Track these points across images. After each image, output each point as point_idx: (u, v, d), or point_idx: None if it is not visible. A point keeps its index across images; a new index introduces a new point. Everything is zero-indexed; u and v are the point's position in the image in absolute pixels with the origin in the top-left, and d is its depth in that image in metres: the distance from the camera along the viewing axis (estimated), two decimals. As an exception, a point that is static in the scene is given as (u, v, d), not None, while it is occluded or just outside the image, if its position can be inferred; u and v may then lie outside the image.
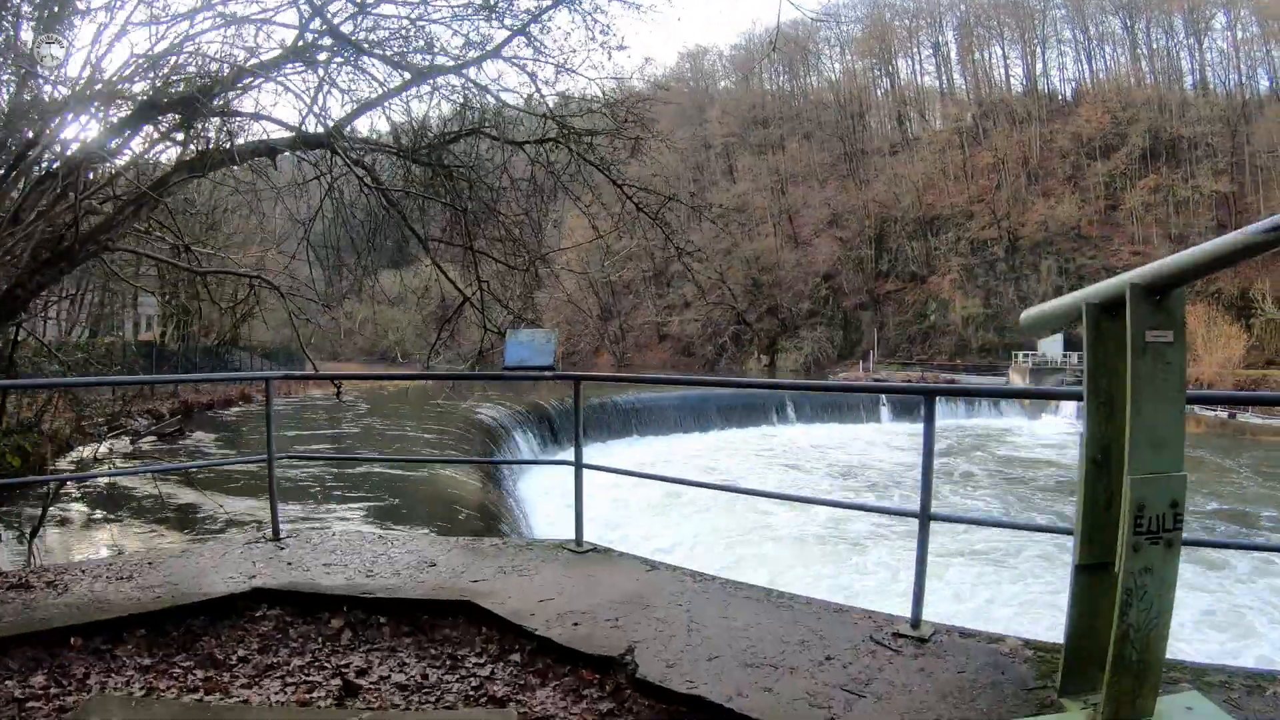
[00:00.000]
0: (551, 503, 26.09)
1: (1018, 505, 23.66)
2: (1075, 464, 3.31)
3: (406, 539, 6.22)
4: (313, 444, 22.91)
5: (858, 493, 25.26)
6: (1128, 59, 79.23)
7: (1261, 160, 64.96)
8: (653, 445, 37.81)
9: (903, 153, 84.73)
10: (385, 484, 17.67)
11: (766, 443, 38.92)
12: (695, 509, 22.02)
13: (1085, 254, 67.95)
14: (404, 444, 23.29)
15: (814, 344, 78.60)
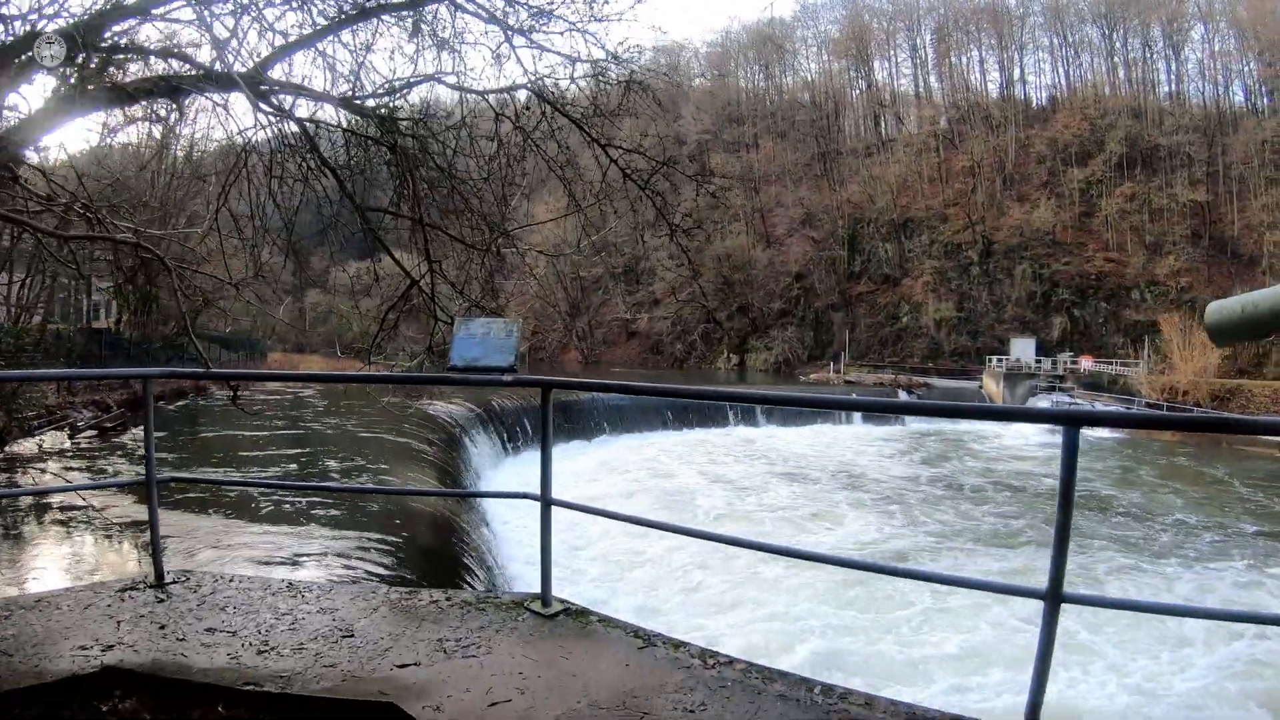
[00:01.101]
0: (520, 513, 24.57)
1: (1087, 539, 21.70)
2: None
3: (322, 591, 4.71)
4: (245, 448, 20.30)
5: (881, 509, 23.30)
6: (1106, 67, 79.07)
7: (1237, 171, 64.71)
8: (624, 446, 36.59)
9: (878, 154, 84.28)
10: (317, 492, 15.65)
11: (749, 446, 37.60)
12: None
13: (1060, 260, 67.49)
14: (350, 447, 21.06)
15: (784, 344, 77.71)
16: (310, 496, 13.51)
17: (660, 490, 24.99)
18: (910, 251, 76.10)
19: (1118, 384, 52.24)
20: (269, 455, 18.85)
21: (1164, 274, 62.50)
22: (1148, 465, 34.97)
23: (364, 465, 18.29)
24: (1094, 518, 23.20)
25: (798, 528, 20.79)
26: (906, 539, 20.10)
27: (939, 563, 18.49)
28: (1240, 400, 46.39)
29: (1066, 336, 64.22)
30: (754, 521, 20.90)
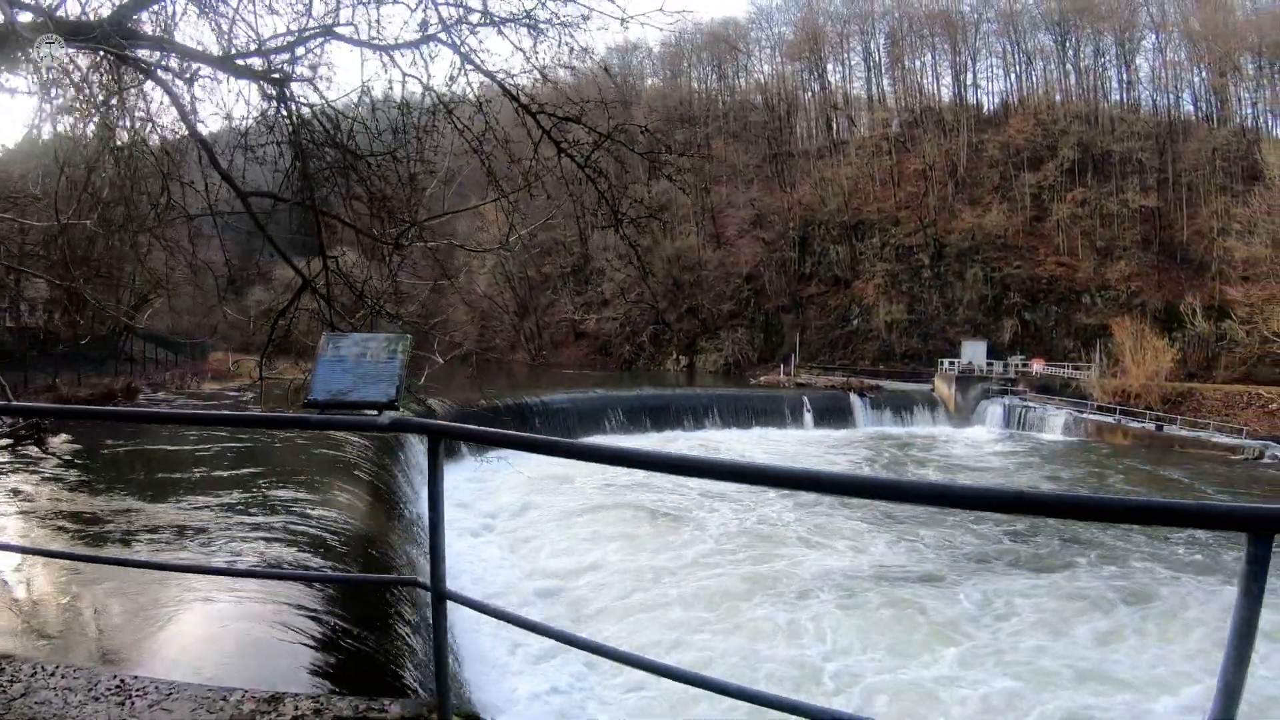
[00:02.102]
0: (469, 518, 22.71)
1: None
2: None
3: (159, 696, 3.27)
4: (163, 466, 17.34)
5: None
6: (1058, 74, 79.38)
7: (1188, 178, 64.97)
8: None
9: (830, 156, 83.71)
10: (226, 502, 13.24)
11: (703, 450, 36.46)
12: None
13: (1012, 263, 67.19)
14: (276, 461, 18.54)
15: (734, 346, 76.77)
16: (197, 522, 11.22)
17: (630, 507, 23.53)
18: (861, 254, 75.47)
19: (1070, 387, 51.89)
20: (187, 471, 16.31)
21: (1115, 278, 62.41)
22: (1111, 471, 34.29)
23: (286, 479, 16.10)
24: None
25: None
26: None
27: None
28: (1192, 403, 46.33)
29: (1017, 339, 63.89)
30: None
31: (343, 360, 4.61)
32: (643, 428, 41.65)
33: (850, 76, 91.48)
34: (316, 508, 13.31)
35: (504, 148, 8.51)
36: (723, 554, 18.48)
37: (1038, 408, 48.37)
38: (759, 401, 48.50)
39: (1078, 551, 19.65)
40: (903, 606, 15.23)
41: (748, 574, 16.97)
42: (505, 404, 37.72)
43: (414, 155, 8.28)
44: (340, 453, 18.89)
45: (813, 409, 47.94)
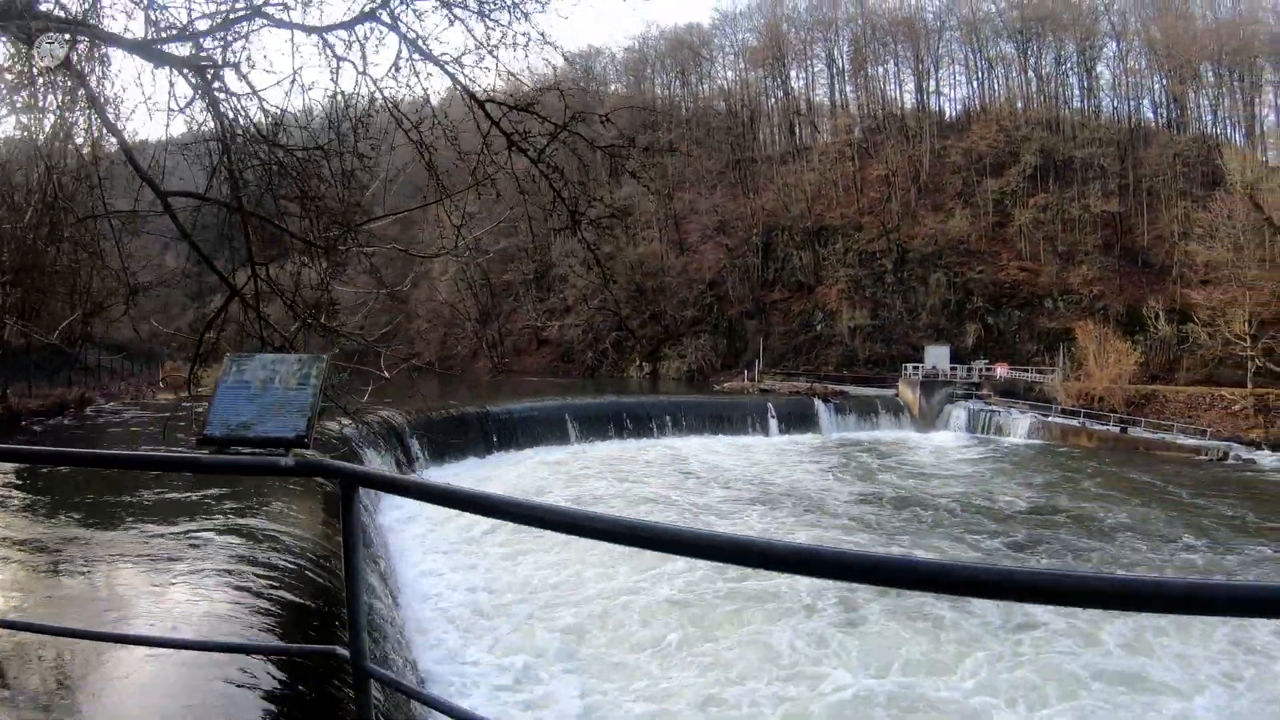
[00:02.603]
0: (430, 555, 21.50)
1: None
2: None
3: None
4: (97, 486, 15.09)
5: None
6: (1020, 81, 79.76)
7: (1148, 184, 65.36)
8: (537, 458, 34.48)
9: (793, 162, 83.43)
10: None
11: (675, 463, 35.63)
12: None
13: (974, 268, 67.09)
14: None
15: (698, 352, 76.02)
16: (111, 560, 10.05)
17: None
18: (825, 259, 75.12)
19: (1034, 391, 51.71)
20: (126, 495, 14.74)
21: (1077, 283, 62.44)
22: (1083, 475, 33.85)
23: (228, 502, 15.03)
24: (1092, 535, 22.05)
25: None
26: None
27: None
28: (1155, 405, 46.32)
29: (980, 344, 63.76)
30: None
31: (247, 387, 3.96)
32: (606, 436, 40.83)
33: (814, 83, 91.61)
34: (260, 542, 12.63)
35: (451, 143, 7.82)
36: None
37: (1002, 411, 48.10)
38: (723, 408, 47.81)
39: (1083, 560, 19.21)
40: (917, 619, 14.65)
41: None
42: (467, 413, 36.79)
43: (350, 151, 7.58)
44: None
45: (778, 415, 47.36)
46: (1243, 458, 38.54)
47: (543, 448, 37.17)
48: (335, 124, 7.51)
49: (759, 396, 53.29)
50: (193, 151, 7.09)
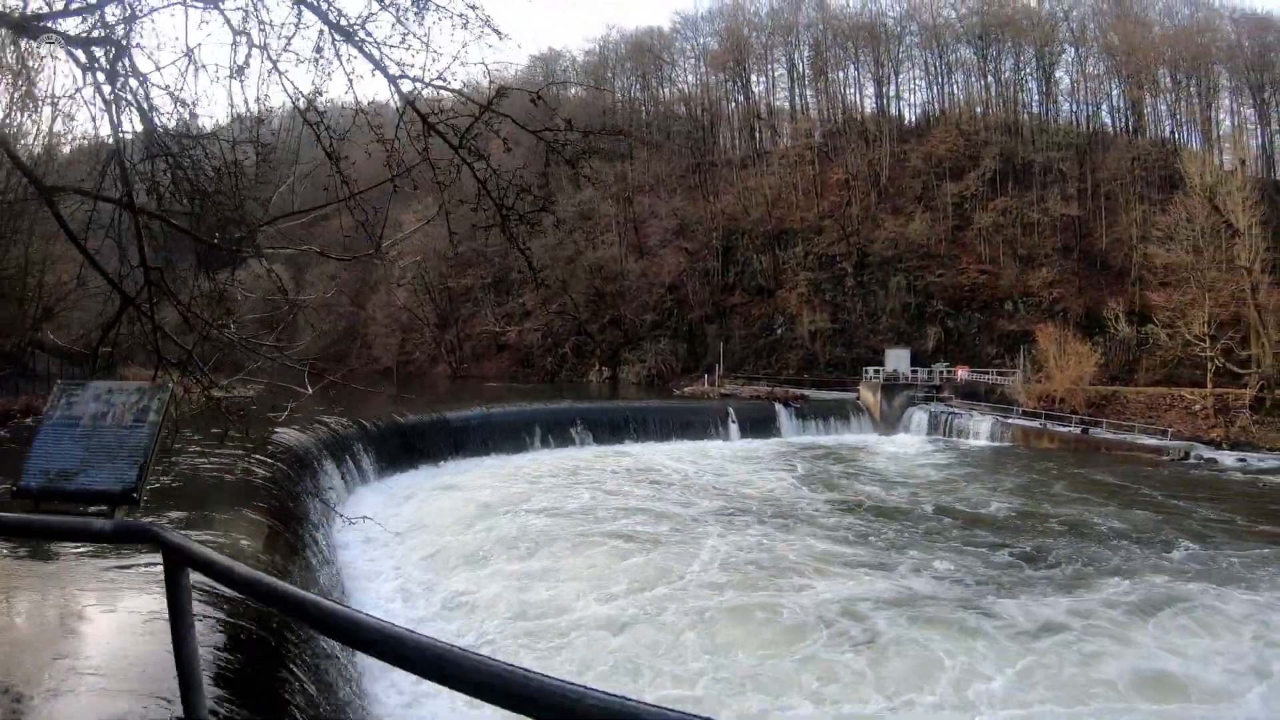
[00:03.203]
0: (386, 578, 20.21)
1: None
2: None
3: None
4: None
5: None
6: (980, 86, 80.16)
7: (1107, 188, 65.90)
8: (498, 467, 33.43)
9: (753, 166, 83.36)
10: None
11: (645, 471, 34.72)
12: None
13: (934, 272, 67.08)
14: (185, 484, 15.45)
15: (658, 356, 75.30)
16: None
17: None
18: (785, 263, 74.79)
19: (995, 393, 51.50)
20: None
21: (1036, 285, 62.59)
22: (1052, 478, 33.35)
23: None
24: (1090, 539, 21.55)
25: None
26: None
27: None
28: (1116, 406, 46.36)
29: (941, 347, 63.64)
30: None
31: (75, 424, 3.42)
32: (565, 443, 40.00)
33: (774, 87, 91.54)
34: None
35: (375, 133, 6.64)
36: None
37: (964, 414, 47.77)
38: (684, 413, 47.13)
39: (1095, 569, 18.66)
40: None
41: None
42: (424, 420, 35.77)
43: (252, 141, 6.78)
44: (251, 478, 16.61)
45: (738, 420, 46.77)
46: (1204, 457, 38.38)
47: (503, 455, 36.30)
48: (237, 112, 6.67)
49: (719, 401, 52.74)
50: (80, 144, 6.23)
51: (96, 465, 3.37)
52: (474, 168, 6.48)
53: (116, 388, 3.78)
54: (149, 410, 3.53)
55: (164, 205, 6.57)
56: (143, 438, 3.43)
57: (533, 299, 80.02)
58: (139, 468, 3.34)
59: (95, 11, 6.01)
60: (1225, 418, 43.00)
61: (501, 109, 6.40)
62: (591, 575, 17.25)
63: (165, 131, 6.32)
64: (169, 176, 6.44)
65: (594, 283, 79.97)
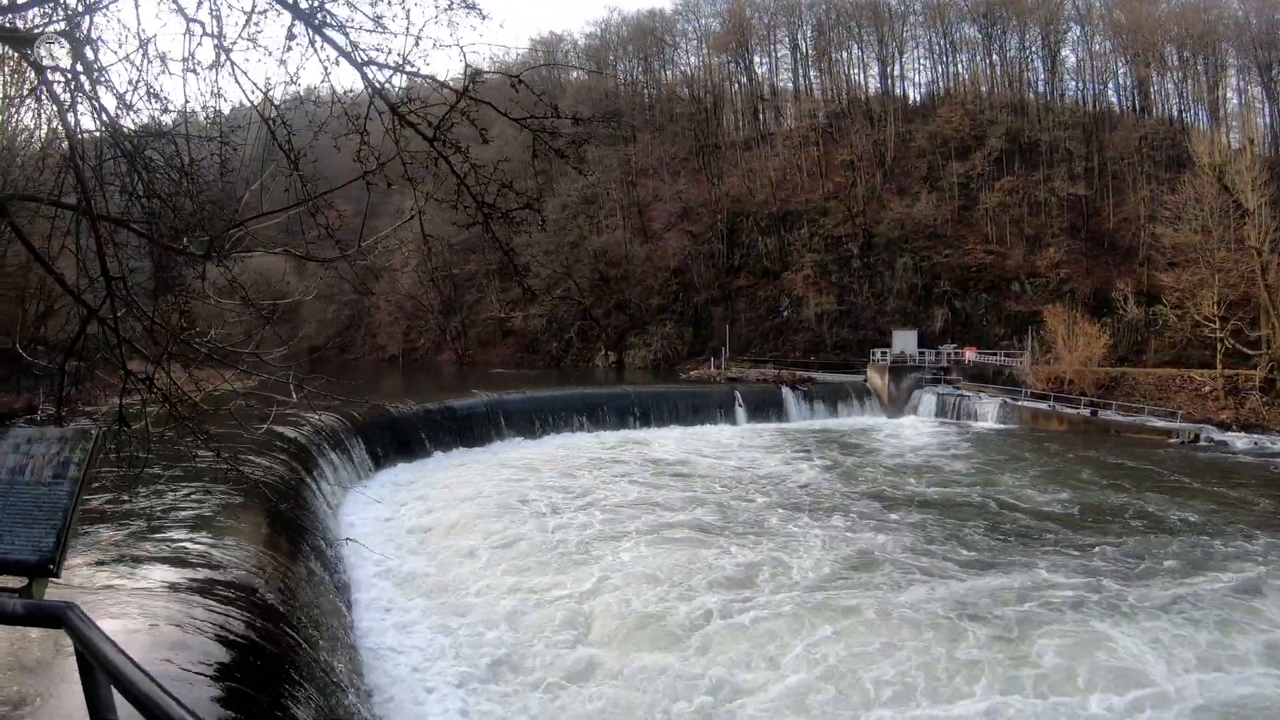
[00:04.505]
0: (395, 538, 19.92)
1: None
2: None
3: None
4: None
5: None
6: (985, 65, 79.53)
7: (1114, 167, 65.43)
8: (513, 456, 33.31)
9: (757, 148, 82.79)
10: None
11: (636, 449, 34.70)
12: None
13: (940, 252, 66.74)
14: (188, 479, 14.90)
15: (664, 340, 75.14)
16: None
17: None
18: (790, 245, 74.46)
19: (1003, 375, 51.37)
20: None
21: (1044, 266, 62.18)
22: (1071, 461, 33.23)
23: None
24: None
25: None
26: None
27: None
28: (1125, 388, 46.22)
29: (948, 328, 63.40)
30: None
31: None
32: (573, 428, 40.14)
33: (777, 68, 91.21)
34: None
35: (343, 122, 6.21)
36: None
37: (972, 396, 47.62)
38: (690, 397, 47.10)
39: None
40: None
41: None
42: (428, 409, 35.80)
43: (215, 138, 6.47)
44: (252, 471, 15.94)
45: (745, 404, 46.75)
46: (1214, 439, 38.30)
47: (516, 440, 36.53)
48: (204, 107, 6.31)
49: (726, 385, 52.65)
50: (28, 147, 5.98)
51: (11, 530, 3.13)
52: (451, 162, 6.10)
53: (36, 436, 3.55)
54: (69, 463, 3.30)
55: (126, 210, 6.34)
56: (62, 496, 3.19)
57: (538, 284, 79.71)
58: (57, 533, 3.08)
59: (46, 4, 5.82)
60: (1235, 399, 42.84)
61: (487, 97, 6.02)
62: (679, 576, 16.95)
63: (124, 132, 6.05)
64: (129, 180, 6.20)
65: (598, 267, 79.73)
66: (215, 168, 6.64)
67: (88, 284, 6.51)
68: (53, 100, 5.73)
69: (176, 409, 6.58)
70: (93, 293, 6.20)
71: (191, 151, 6.45)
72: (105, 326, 6.02)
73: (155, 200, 6.26)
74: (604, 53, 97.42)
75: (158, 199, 6.27)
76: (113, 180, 6.31)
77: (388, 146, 6.06)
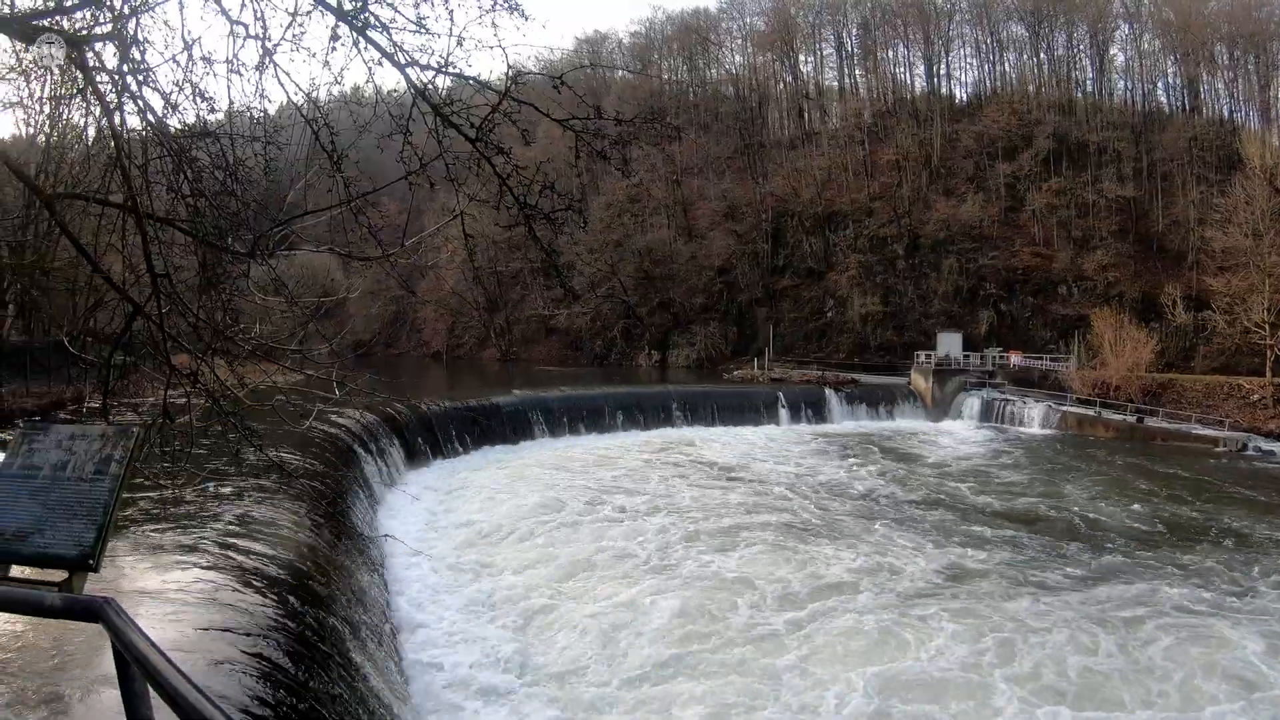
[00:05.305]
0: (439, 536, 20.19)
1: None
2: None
3: None
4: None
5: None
6: (1032, 64, 78.71)
7: (1164, 168, 64.42)
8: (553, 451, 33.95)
9: (802, 148, 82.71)
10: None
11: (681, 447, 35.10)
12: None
13: (987, 254, 66.33)
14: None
15: (707, 340, 75.51)
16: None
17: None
18: (835, 245, 74.46)
19: (1049, 379, 51.13)
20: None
21: (1091, 269, 61.53)
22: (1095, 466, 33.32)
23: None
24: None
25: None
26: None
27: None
28: (1172, 394, 45.77)
29: (993, 331, 63.14)
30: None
31: (33, 475, 3.18)
32: (614, 427, 40.63)
33: (823, 67, 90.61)
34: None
35: (386, 122, 6.41)
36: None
37: (1017, 400, 47.47)
38: (733, 398, 47.49)
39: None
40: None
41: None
42: (469, 405, 36.50)
43: (260, 139, 6.51)
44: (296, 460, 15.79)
45: (788, 405, 46.97)
46: (1261, 449, 37.76)
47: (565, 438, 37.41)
48: (249, 108, 6.42)
49: (769, 385, 52.98)
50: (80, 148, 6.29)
51: (53, 525, 3.17)
52: (494, 163, 6.10)
53: (79, 433, 3.60)
54: (111, 460, 3.38)
55: (171, 209, 6.53)
56: (103, 492, 3.26)
57: (582, 282, 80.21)
58: (98, 528, 3.16)
59: (93, 7, 6.02)
60: (1285, 408, 42.34)
61: (530, 97, 6.07)
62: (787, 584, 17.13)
63: (170, 132, 6.20)
64: (175, 179, 6.32)
65: (643, 265, 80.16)
66: (260, 167, 6.74)
67: (134, 280, 6.98)
68: (99, 101, 6.00)
69: (220, 404, 6.82)
70: (139, 289, 6.54)
71: (237, 151, 6.59)
72: (151, 322, 6.24)
73: (201, 200, 6.44)
74: (649, 51, 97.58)
75: (204, 198, 6.44)
76: (159, 179, 6.51)
77: (431, 146, 6.18)
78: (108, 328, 32.40)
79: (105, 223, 5.36)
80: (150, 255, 6.03)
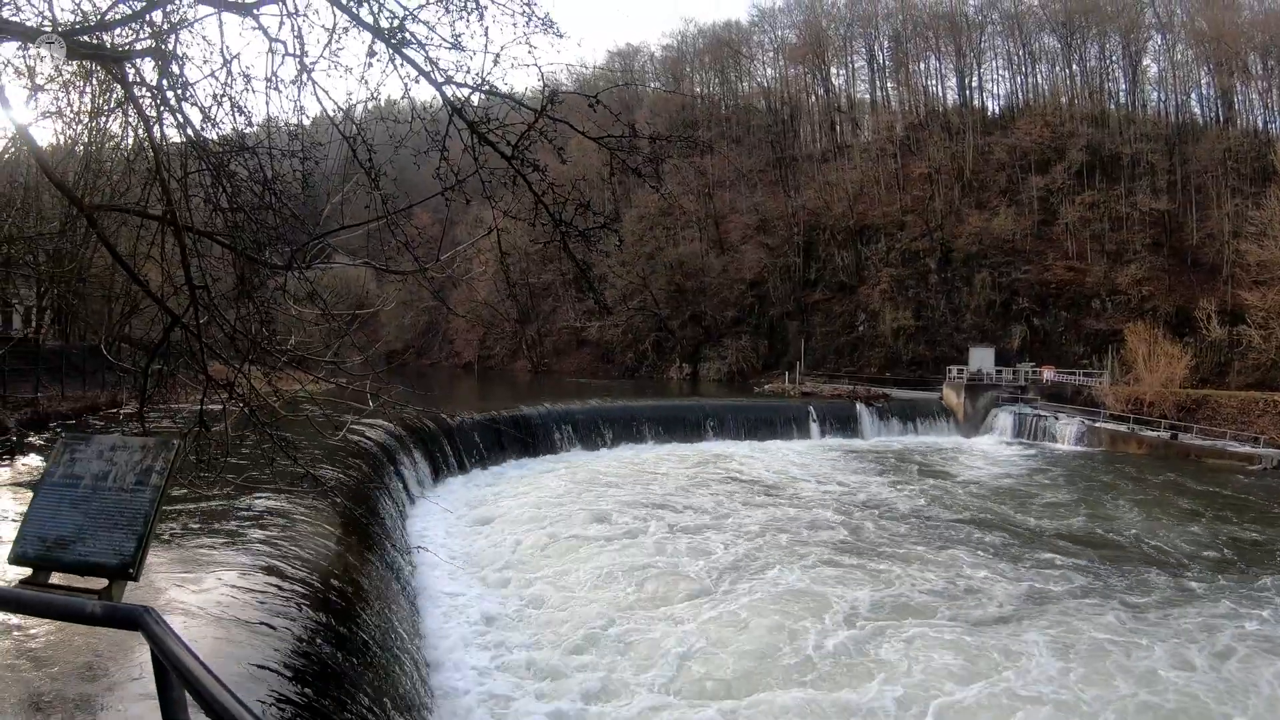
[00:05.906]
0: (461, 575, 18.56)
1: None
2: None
3: None
4: None
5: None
6: (1064, 76, 78.35)
7: (1198, 180, 63.76)
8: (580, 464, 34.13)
9: (834, 161, 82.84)
10: None
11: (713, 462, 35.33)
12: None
13: (1020, 268, 66.05)
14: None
15: (738, 353, 75.78)
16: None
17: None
18: (867, 259, 74.46)
19: (1082, 395, 50.79)
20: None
21: (1125, 283, 61.12)
22: (1129, 483, 33.20)
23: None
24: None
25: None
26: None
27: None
28: (1207, 410, 45.22)
29: (1026, 346, 62.87)
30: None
31: (75, 484, 3.30)
32: (643, 439, 40.89)
33: (854, 79, 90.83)
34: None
35: (423, 138, 6.52)
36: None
37: (1049, 416, 47.27)
38: (764, 411, 47.59)
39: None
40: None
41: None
42: (501, 415, 36.89)
43: (298, 154, 6.80)
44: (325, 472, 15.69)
45: (819, 419, 47.03)
46: (1296, 466, 37.48)
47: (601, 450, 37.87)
48: (286, 122, 6.85)
49: (800, 400, 53.00)
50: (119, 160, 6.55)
51: (94, 534, 3.26)
52: (529, 180, 6.20)
53: (120, 444, 3.63)
54: (151, 471, 3.44)
55: (209, 221, 6.80)
56: (143, 503, 3.33)
57: (613, 295, 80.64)
58: (138, 538, 3.23)
59: (135, 23, 6.21)
60: (1322, 424, 41.90)
61: (564, 113, 6.17)
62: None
63: (208, 146, 6.37)
64: (213, 192, 6.50)
65: (675, 278, 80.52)
66: (298, 181, 6.98)
67: (172, 291, 7.22)
68: (139, 114, 6.25)
69: (255, 415, 7.01)
70: (177, 299, 6.77)
71: (274, 165, 6.75)
72: (188, 333, 6.38)
73: (239, 213, 6.57)
74: (680, 65, 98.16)
75: (242, 212, 6.57)
76: (197, 191, 6.74)
77: (466, 162, 6.35)
78: (143, 335, 33.11)
79: (144, 234, 5.61)
80: (189, 267, 6.15)
